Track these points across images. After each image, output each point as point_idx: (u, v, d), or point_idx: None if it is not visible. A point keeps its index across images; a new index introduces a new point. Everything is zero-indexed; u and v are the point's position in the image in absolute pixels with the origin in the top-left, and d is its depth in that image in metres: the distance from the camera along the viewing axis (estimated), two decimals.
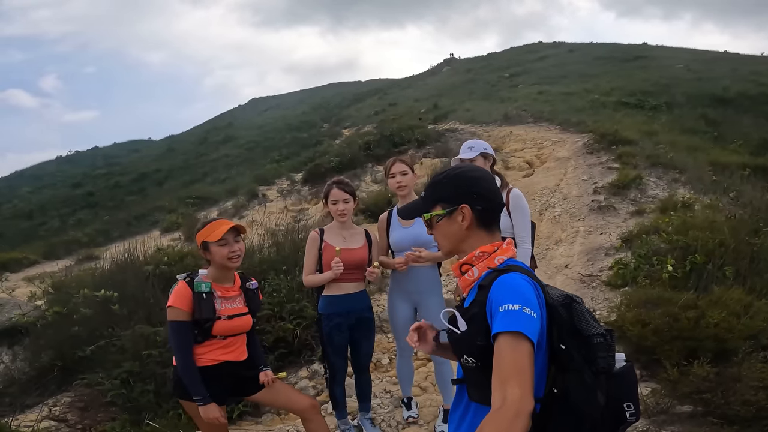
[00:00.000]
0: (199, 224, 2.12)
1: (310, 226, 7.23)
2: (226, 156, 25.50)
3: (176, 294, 1.99)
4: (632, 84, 16.88)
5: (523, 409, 0.94)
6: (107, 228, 15.39)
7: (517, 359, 0.99)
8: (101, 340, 3.61)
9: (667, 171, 8.73)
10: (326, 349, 2.55)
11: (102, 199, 23.39)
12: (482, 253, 1.20)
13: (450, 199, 1.23)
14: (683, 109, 14.05)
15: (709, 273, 3.72)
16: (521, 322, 1.01)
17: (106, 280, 4.75)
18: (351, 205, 2.52)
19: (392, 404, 2.95)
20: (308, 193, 13.44)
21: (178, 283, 2.04)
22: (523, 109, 14.73)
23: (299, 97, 42.20)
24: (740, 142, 10.63)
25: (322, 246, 2.51)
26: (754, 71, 18.18)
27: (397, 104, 24.45)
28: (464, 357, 1.13)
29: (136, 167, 30.12)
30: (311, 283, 2.54)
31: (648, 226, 5.62)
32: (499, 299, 1.06)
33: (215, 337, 2.02)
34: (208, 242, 2.02)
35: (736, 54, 24.64)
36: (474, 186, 1.22)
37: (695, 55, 24.03)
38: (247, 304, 2.13)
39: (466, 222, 1.21)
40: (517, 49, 33.09)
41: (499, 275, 1.12)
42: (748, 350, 2.40)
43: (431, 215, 1.26)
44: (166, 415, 2.82)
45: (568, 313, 1.11)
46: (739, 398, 2.01)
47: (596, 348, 1.07)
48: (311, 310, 3.83)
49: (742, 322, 2.69)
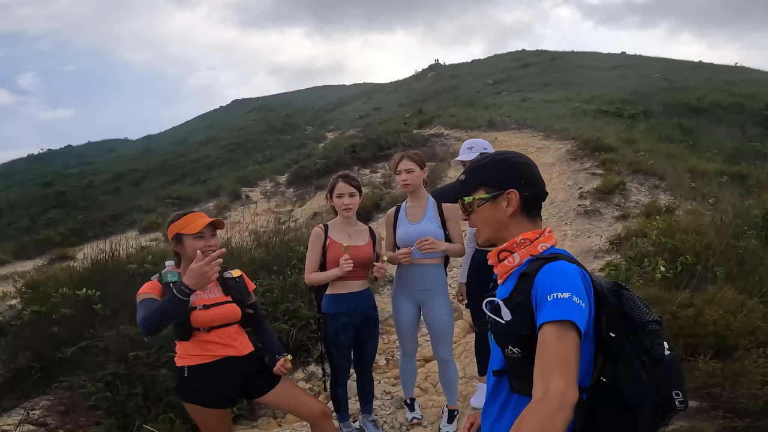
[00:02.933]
0: (173, 215, 2.00)
1: (296, 228, 7.11)
2: (207, 157, 25.09)
3: (144, 286, 1.91)
4: (611, 92, 17.35)
5: (566, 401, 0.90)
6: (81, 227, 14.85)
7: (562, 349, 0.95)
8: (83, 341, 3.43)
9: (648, 177, 8.97)
10: (330, 349, 2.44)
11: (74, 199, 22.64)
12: (524, 240, 1.16)
13: (496, 183, 1.18)
14: (660, 118, 14.49)
15: (700, 274, 3.80)
16: (571, 310, 0.98)
17: (86, 279, 4.54)
18: (357, 199, 2.45)
19: (393, 405, 2.88)
20: (293, 195, 13.30)
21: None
22: (507, 116, 14.96)
23: (283, 99, 41.88)
24: (715, 151, 11.01)
25: (327, 242, 2.41)
26: (728, 81, 18.86)
27: (382, 108, 24.55)
28: (509, 347, 1.08)
29: (111, 167, 29.31)
30: (315, 281, 2.42)
31: (635, 229, 5.73)
32: (546, 287, 1.02)
33: (198, 329, 1.90)
34: (183, 234, 1.92)
35: (711, 64, 25.48)
36: (521, 171, 1.18)
37: (671, 64, 24.85)
38: (227, 293, 2.00)
39: (511, 208, 1.17)
40: (500, 57, 33.67)
41: (545, 263, 1.08)
42: (748, 346, 2.43)
43: (473, 199, 1.21)
44: (156, 419, 2.67)
45: (617, 300, 1.08)
46: (746, 392, 2.03)
47: (651, 335, 1.04)
48: (306, 310, 3.74)
49: (739, 319, 2.74)
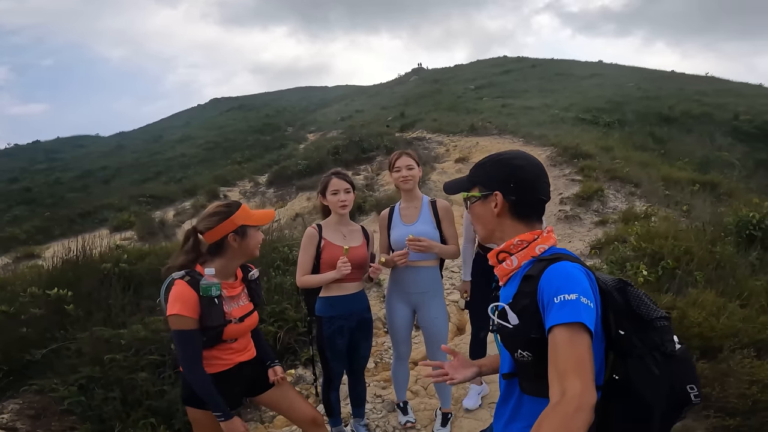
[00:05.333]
0: (225, 206, 1.80)
1: (279, 228, 6.99)
2: (183, 155, 24.46)
3: (179, 299, 1.65)
4: (588, 101, 17.83)
5: (584, 403, 0.89)
6: (48, 225, 14.21)
7: (575, 351, 0.94)
8: (54, 343, 3.25)
9: (624, 184, 9.24)
10: (326, 353, 2.36)
11: (40, 196, 21.64)
12: (521, 242, 1.15)
13: (486, 183, 1.20)
14: (634, 127, 14.97)
15: (680, 278, 3.90)
16: (580, 312, 0.96)
17: (57, 278, 4.32)
18: (352, 196, 2.37)
19: (385, 409, 2.82)
20: (274, 196, 13.10)
21: (176, 283, 1.69)
22: (489, 121, 15.17)
23: (264, 99, 41.30)
24: (686, 160, 11.43)
25: (322, 244, 2.32)
26: (699, 91, 19.60)
27: (364, 111, 24.53)
28: (518, 351, 1.07)
29: (80, 163, 28.24)
30: (308, 284, 2.32)
31: (615, 235, 5.87)
32: (553, 289, 1.01)
33: (225, 341, 1.79)
34: (248, 226, 1.79)
35: (683, 74, 26.43)
36: (513, 175, 1.17)
37: (645, 74, 25.71)
38: (251, 299, 1.91)
39: (497, 209, 1.17)
40: (483, 62, 34.15)
41: (549, 264, 1.06)
42: (733, 347, 2.50)
43: (468, 195, 1.24)
44: (137, 425, 2.53)
45: (623, 297, 1.08)
46: (734, 392, 2.08)
47: (661, 331, 1.04)
48: (293, 312, 3.65)
49: (722, 321, 2.82)
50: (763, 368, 2.24)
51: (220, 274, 1.79)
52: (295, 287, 3.48)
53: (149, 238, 9.91)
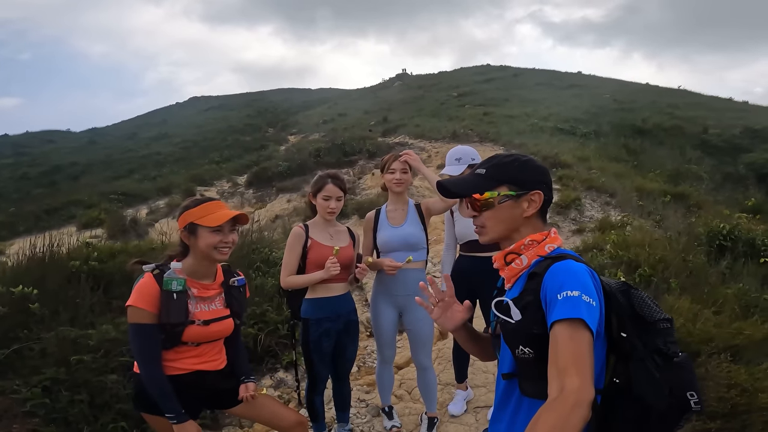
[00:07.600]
0: (190, 201, 1.76)
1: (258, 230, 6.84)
2: (158, 153, 23.82)
3: (139, 291, 1.60)
4: (566, 111, 18.26)
5: (582, 399, 0.87)
6: (12, 221, 13.57)
7: (575, 347, 0.92)
8: (17, 343, 3.06)
9: (600, 194, 9.49)
10: (311, 356, 2.29)
11: (5, 191, 20.66)
12: (531, 242, 1.15)
13: (522, 183, 1.17)
14: (609, 138, 15.43)
15: (656, 285, 4.00)
16: (581, 308, 0.95)
17: (21, 275, 4.11)
18: (341, 203, 2.37)
19: (369, 413, 2.76)
20: (253, 197, 12.87)
21: (144, 275, 1.64)
22: (470, 129, 15.35)
23: (245, 99, 40.64)
24: (657, 171, 11.83)
25: (308, 244, 2.28)
26: (671, 104, 20.32)
27: (347, 115, 24.45)
28: (519, 348, 1.05)
29: (48, 159, 27.12)
30: (294, 284, 2.27)
31: (591, 243, 6.00)
32: (556, 286, 1.00)
33: (186, 343, 1.68)
34: (199, 225, 1.66)
35: (656, 86, 27.29)
36: (545, 176, 1.20)
37: (622, 86, 26.51)
38: (228, 305, 1.79)
39: (531, 209, 1.16)
40: (466, 70, 34.52)
41: (553, 262, 1.06)
42: (710, 352, 2.56)
43: (497, 194, 1.16)
44: (105, 429, 2.40)
45: (626, 299, 1.08)
46: (714, 396, 2.12)
47: (663, 334, 1.04)
48: (274, 314, 3.56)
49: (698, 327, 2.89)
50: (740, 372, 2.30)
51: (193, 273, 1.71)
52: (276, 289, 3.40)
53: (120, 236, 9.56)
